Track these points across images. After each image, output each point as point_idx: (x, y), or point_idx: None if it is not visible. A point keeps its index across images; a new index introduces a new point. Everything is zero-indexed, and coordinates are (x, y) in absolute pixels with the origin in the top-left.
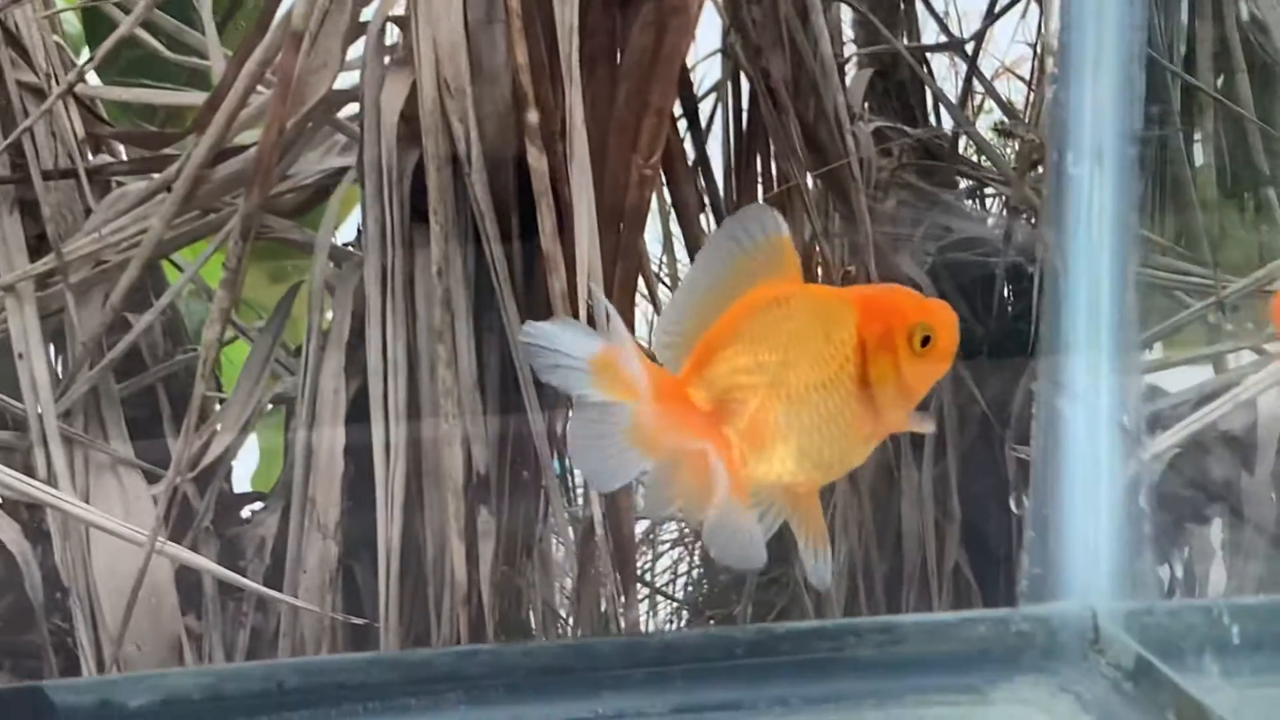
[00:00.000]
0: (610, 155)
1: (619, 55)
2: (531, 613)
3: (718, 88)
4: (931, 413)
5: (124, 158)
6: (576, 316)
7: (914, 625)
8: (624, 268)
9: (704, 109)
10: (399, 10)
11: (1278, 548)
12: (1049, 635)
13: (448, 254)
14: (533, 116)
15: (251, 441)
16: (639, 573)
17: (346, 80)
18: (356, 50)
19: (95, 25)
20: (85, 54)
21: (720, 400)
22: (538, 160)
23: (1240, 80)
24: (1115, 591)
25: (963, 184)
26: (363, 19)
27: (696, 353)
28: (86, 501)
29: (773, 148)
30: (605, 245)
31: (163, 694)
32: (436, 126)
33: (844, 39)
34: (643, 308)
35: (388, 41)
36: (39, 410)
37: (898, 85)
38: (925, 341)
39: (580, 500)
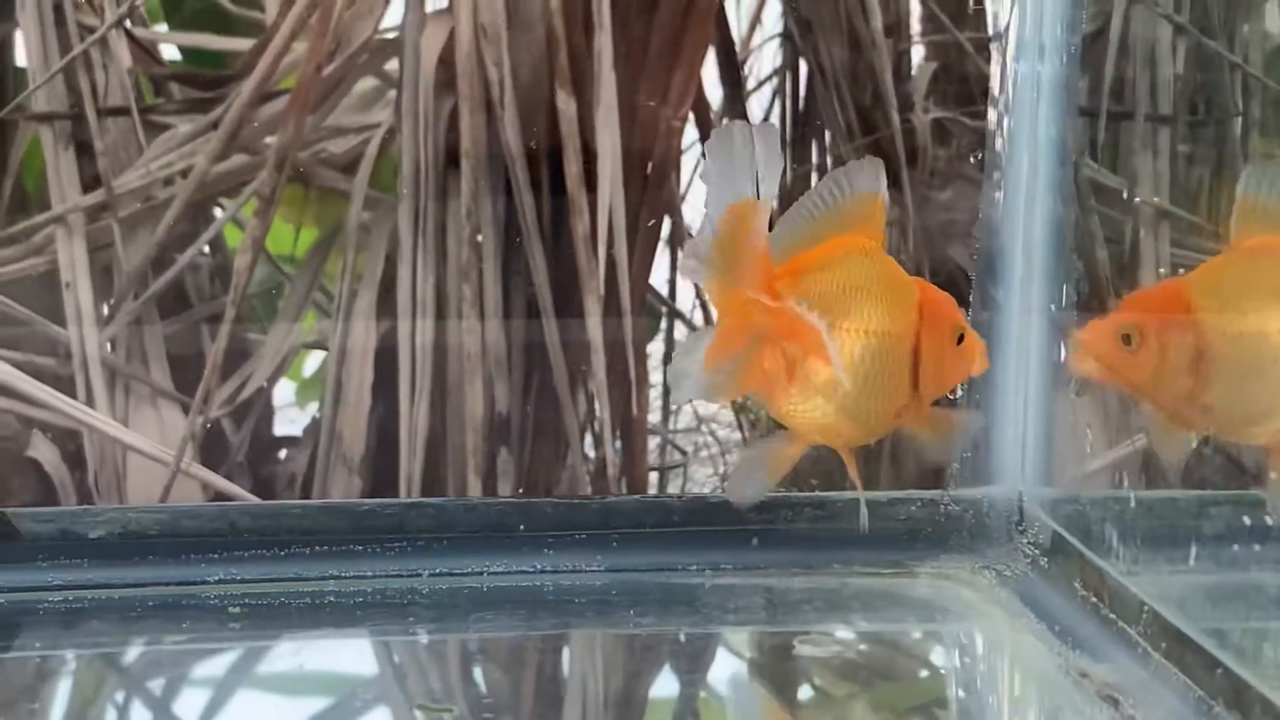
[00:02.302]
0: (640, 105)
1: (657, 7)
2: None
3: (777, 72)
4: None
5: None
6: (596, 261)
7: (847, 502)
8: (648, 215)
9: (765, 93)
10: None
11: None
12: (977, 517)
13: (478, 196)
14: (563, 61)
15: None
16: None
17: None
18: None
19: None
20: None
21: (796, 317)
22: (566, 104)
23: None
24: (1042, 478)
25: None
26: None
27: (790, 264)
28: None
29: (828, 133)
30: (631, 193)
31: (120, 527)
32: (472, 70)
33: (911, 31)
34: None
35: None
36: (82, 338)
37: (960, 79)
38: (959, 341)
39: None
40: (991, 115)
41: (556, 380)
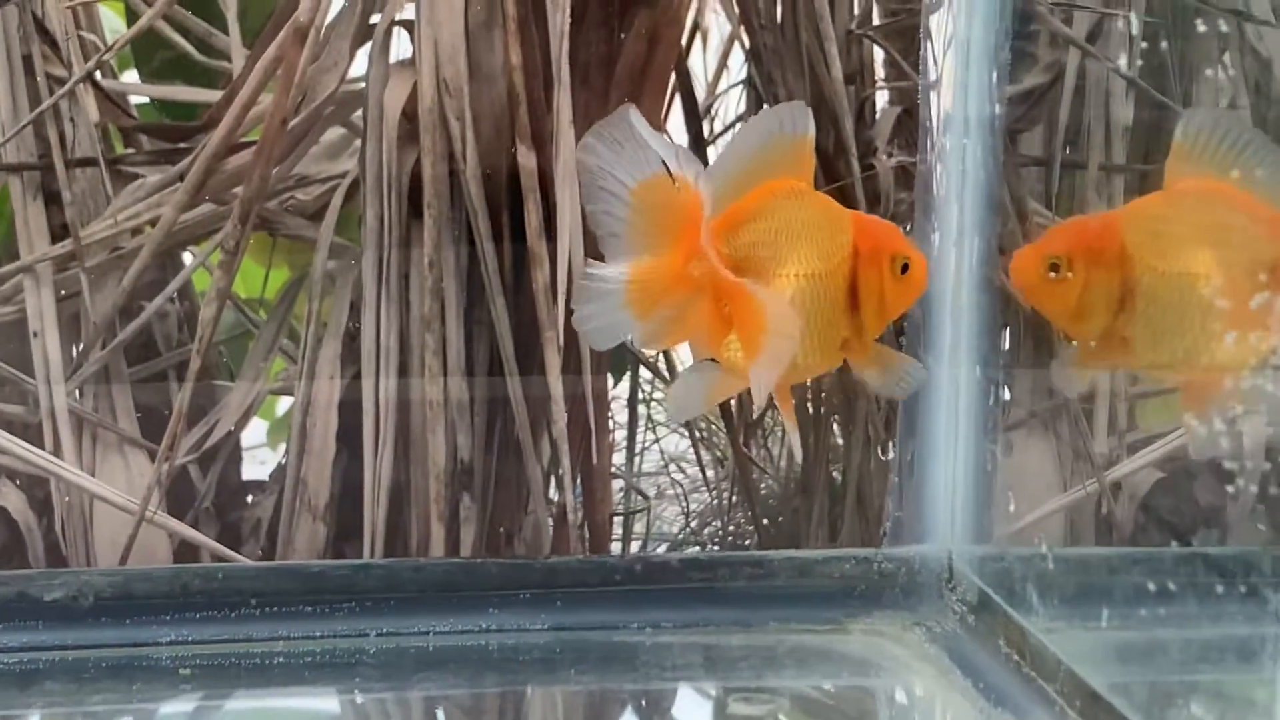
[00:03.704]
0: None
1: (616, 62)
2: None
3: (741, 118)
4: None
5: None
6: (556, 310)
7: (783, 561)
8: None
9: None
10: (407, 14)
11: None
12: (909, 574)
13: (440, 247)
14: (523, 116)
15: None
16: None
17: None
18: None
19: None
20: (131, 57)
21: (735, 266)
22: (526, 158)
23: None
24: (970, 536)
25: None
26: (372, 22)
27: (723, 218)
28: (92, 476)
29: None
30: (592, 243)
31: (75, 590)
32: (434, 124)
33: (875, 77)
34: None
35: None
36: (49, 386)
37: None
38: (904, 270)
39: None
40: (931, 158)
41: (519, 428)
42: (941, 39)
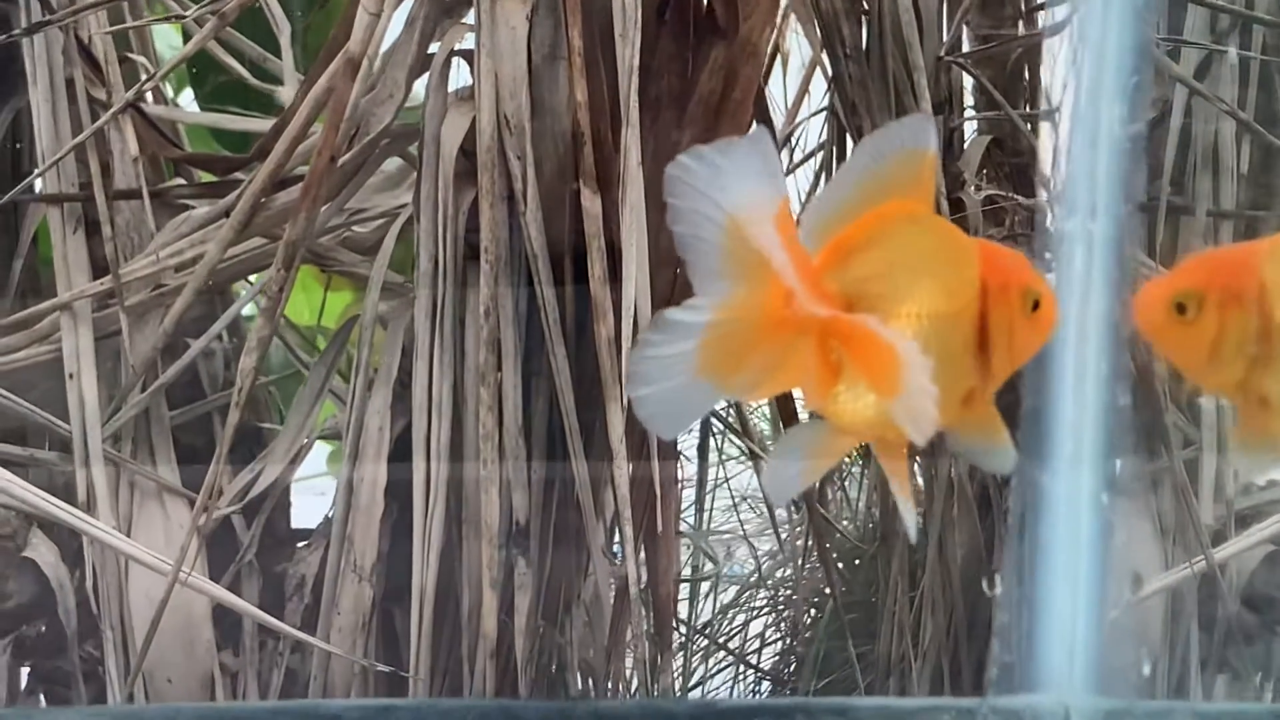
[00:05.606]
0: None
1: (689, 99)
2: (569, 671)
3: (822, 147)
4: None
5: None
6: (621, 364)
7: (872, 709)
8: None
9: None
10: (467, 44)
11: None
12: None
13: (498, 294)
14: (588, 156)
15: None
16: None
17: None
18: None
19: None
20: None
21: (846, 306)
22: (591, 202)
23: None
24: (1092, 686)
25: None
26: (430, 51)
27: (830, 248)
28: (129, 527)
29: None
30: (660, 290)
31: None
32: (494, 162)
33: (964, 105)
34: None
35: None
36: (84, 432)
37: (1014, 153)
38: (1034, 307)
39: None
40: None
41: (579, 489)
42: (1062, 67)
